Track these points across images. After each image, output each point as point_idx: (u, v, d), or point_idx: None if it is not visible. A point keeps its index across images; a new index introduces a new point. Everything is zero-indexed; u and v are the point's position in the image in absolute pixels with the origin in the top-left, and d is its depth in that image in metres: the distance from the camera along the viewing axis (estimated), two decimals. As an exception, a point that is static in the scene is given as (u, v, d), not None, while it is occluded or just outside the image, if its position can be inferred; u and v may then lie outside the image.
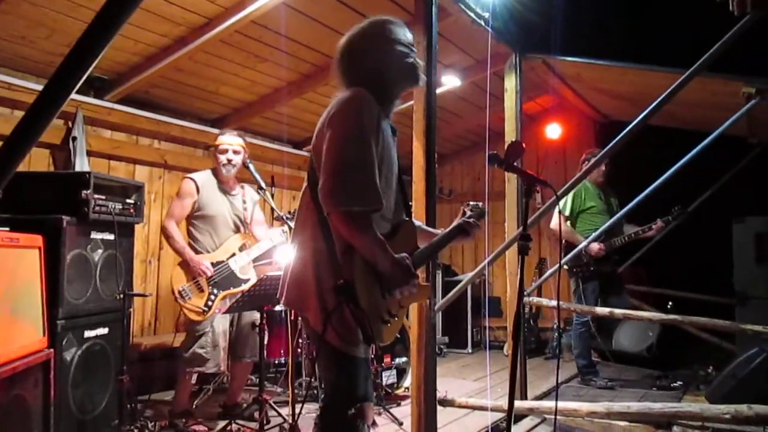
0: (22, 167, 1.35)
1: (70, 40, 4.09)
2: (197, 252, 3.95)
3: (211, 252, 3.99)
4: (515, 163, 2.24)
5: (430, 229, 2.53)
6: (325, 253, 2.00)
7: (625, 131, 2.90)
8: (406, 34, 2.21)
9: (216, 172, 4.12)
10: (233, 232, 4.11)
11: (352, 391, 2.02)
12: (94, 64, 1.19)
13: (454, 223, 2.36)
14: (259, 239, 4.19)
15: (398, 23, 2.21)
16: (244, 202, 4.19)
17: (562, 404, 3.39)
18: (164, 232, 4.00)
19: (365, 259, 1.94)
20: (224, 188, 4.12)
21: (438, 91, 4.77)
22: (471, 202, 2.45)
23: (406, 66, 2.18)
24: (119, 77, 4.73)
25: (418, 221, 2.50)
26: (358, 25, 2.22)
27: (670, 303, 6.21)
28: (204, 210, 4.01)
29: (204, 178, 4.08)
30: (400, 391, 4.72)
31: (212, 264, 3.92)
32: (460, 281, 4.05)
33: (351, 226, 1.91)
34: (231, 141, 4.09)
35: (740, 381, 4.25)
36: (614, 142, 2.95)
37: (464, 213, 2.40)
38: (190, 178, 4.04)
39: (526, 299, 4.57)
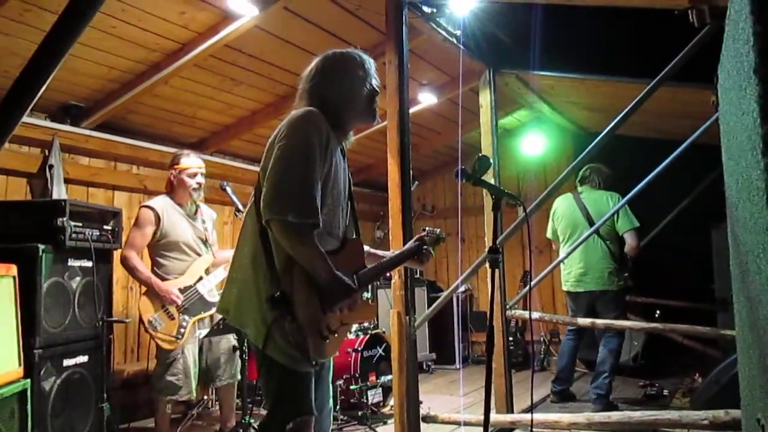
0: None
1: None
2: (164, 279, 3.85)
3: (177, 276, 3.90)
4: (483, 177, 2.28)
5: (380, 252, 2.54)
6: (264, 265, 2.02)
7: (593, 143, 2.95)
8: (376, 76, 2.29)
9: (175, 196, 4.02)
10: (197, 255, 4.02)
11: (294, 405, 2.02)
12: (43, 87, 1.20)
13: (408, 245, 2.42)
14: (220, 259, 4.10)
15: (372, 64, 2.29)
16: (204, 222, 4.13)
17: (542, 416, 3.40)
18: (126, 263, 3.84)
19: (306, 272, 1.97)
20: (184, 211, 4.03)
21: (415, 108, 4.84)
22: (428, 228, 2.48)
23: (367, 106, 2.26)
24: (95, 104, 4.72)
25: (367, 246, 2.51)
26: (337, 50, 2.28)
27: (657, 312, 6.24)
28: (168, 237, 3.91)
29: (163, 204, 3.96)
30: (386, 410, 4.69)
31: (180, 290, 3.85)
32: (446, 297, 4.08)
33: (288, 236, 1.94)
34: (199, 163, 4.08)
35: (723, 387, 4.27)
36: (584, 153, 2.99)
37: (420, 238, 2.44)
38: (149, 207, 3.91)
39: (508, 312, 4.59)
